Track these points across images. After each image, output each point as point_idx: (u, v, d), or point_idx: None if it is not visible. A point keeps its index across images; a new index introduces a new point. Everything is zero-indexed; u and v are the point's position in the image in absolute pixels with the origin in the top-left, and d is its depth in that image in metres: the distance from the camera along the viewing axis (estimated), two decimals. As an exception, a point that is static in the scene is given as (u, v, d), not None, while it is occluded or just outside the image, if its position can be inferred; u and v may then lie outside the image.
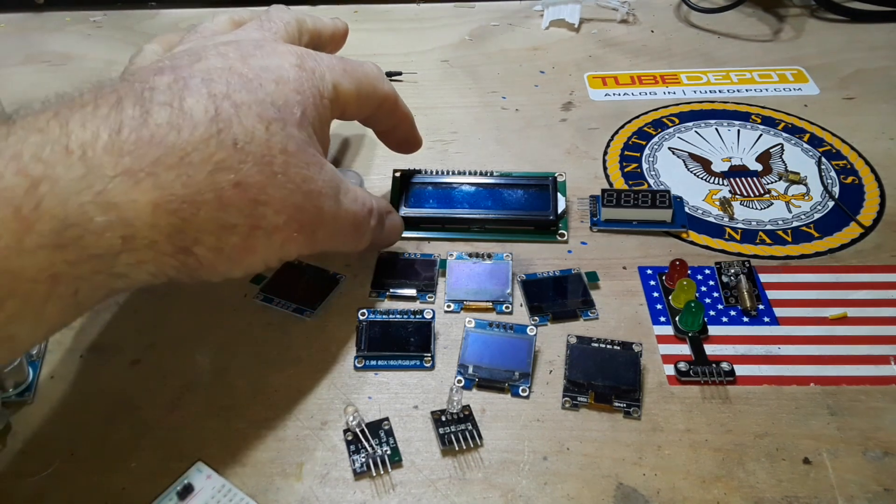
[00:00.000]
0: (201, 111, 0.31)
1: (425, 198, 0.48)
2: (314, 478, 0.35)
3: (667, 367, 0.40)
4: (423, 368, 0.40)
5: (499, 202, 0.47)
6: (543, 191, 0.48)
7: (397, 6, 0.74)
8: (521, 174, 0.50)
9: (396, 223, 0.45)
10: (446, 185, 0.48)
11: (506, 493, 0.34)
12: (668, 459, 0.35)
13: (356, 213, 0.39)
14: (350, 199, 0.38)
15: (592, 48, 0.68)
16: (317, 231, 0.36)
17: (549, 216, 0.46)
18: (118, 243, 0.28)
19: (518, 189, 0.48)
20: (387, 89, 0.42)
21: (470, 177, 0.49)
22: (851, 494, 0.34)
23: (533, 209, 0.47)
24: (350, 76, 0.39)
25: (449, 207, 0.47)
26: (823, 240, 0.47)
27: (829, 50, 0.66)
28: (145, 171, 0.29)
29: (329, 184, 0.36)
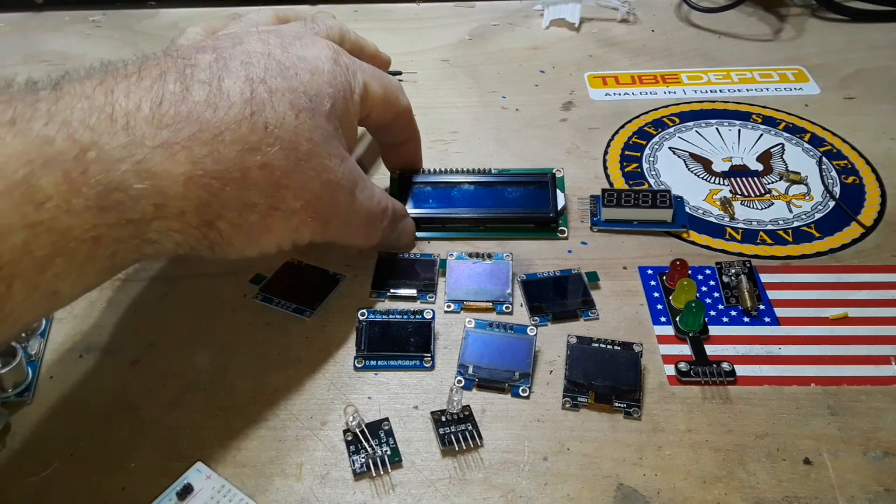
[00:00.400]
0: (237, 93, 0.33)
1: (425, 198, 0.48)
2: (314, 478, 0.35)
3: (667, 367, 0.40)
4: (423, 368, 0.40)
5: (499, 200, 0.48)
6: (543, 188, 0.48)
7: (397, 6, 0.74)
8: (519, 171, 0.50)
9: (409, 228, 0.46)
10: (445, 184, 0.49)
11: (506, 493, 0.34)
12: (668, 460, 0.35)
13: (370, 210, 0.40)
14: (367, 196, 0.40)
15: (593, 48, 0.68)
16: (330, 220, 0.37)
17: (549, 213, 0.47)
18: (151, 210, 0.30)
19: (517, 187, 0.48)
20: (406, 103, 0.45)
21: (469, 175, 0.49)
22: (852, 495, 0.34)
23: (532, 206, 0.47)
24: (379, 81, 0.42)
25: (449, 207, 0.47)
26: (824, 240, 0.47)
27: (829, 49, 0.66)
28: (181, 145, 0.30)
29: (348, 177, 0.37)
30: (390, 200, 0.43)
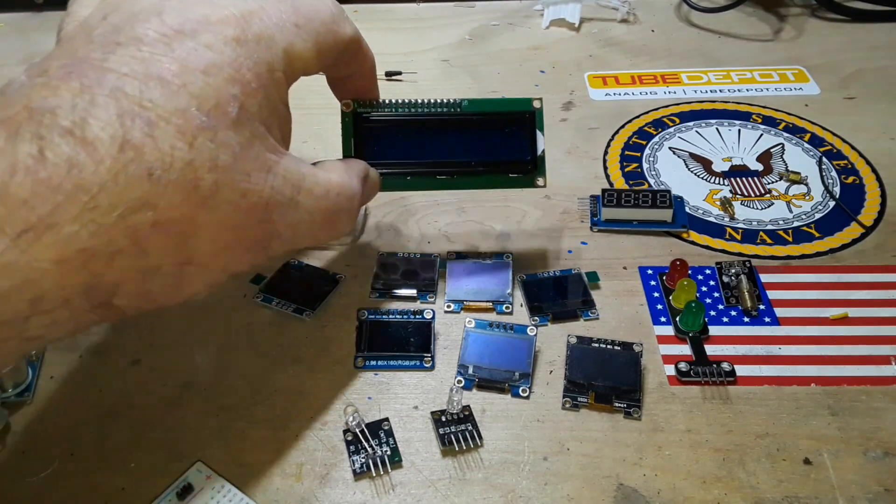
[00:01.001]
0: (107, 138, 0.25)
1: (383, 142, 0.40)
2: (314, 478, 0.35)
3: (667, 367, 0.40)
4: (423, 368, 0.40)
5: (471, 144, 0.40)
6: (521, 126, 0.40)
7: (397, 6, 0.74)
8: (495, 102, 0.41)
9: (375, 181, 0.40)
10: (407, 123, 0.40)
11: (506, 493, 0.34)
12: (668, 460, 0.35)
13: (325, 207, 0.33)
14: (315, 197, 0.32)
15: (593, 48, 0.68)
16: (271, 243, 0.31)
17: (526, 157, 0.40)
18: (26, 308, 0.25)
19: (491, 125, 0.40)
20: (349, 31, 0.35)
21: (435, 110, 0.40)
22: (852, 495, 0.34)
23: (507, 150, 0.40)
24: (306, 31, 0.32)
25: (412, 156, 0.40)
26: (824, 240, 0.47)
27: (829, 49, 0.66)
28: (45, 224, 0.24)
29: (280, 190, 0.30)
30: (347, 177, 0.35)
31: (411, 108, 0.39)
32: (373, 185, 0.39)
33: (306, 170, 0.32)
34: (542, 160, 0.40)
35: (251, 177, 0.29)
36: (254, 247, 0.31)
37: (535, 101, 0.40)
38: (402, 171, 0.40)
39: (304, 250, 0.47)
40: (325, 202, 0.33)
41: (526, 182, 0.41)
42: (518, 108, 0.40)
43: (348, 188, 0.34)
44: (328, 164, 0.35)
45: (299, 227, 0.32)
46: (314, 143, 0.55)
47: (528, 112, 0.40)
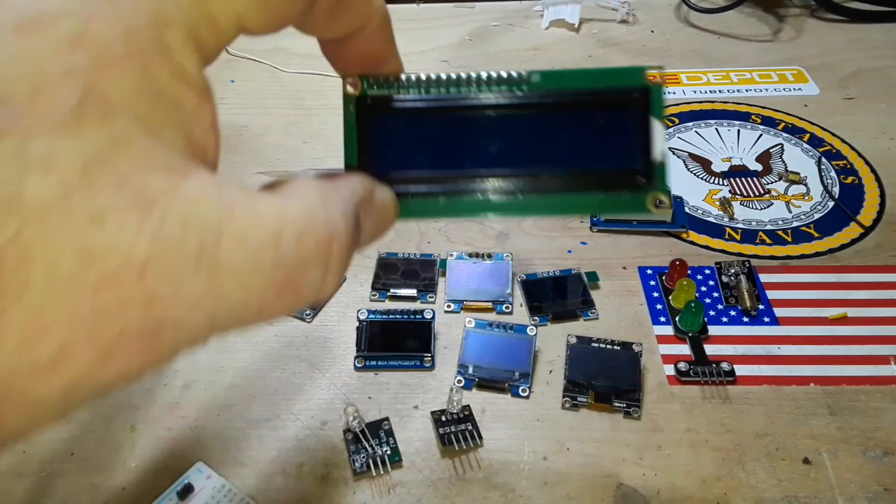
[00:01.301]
0: None
1: (404, 147, 0.24)
2: (314, 477, 0.35)
3: (667, 367, 0.40)
4: (423, 368, 0.40)
5: (544, 143, 0.24)
6: (628, 113, 0.23)
7: (397, 6, 0.74)
8: (583, 74, 0.23)
9: (384, 208, 0.22)
10: (448, 110, 0.23)
11: (506, 492, 0.34)
12: (668, 459, 0.35)
13: (274, 264, 0.17)
14: (252, 245, 0.16)
15: (592, 48, 0.68)
16: (159, 337, 0.16)
17: (635, 162, 0.23)
18: None
19: (580, 112, 0.23)
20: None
21: (489, 90, 0.23)
22: (851, 494, 0.34)
23: (604, 153, 0.24)
24: None
25: (449, 165, 0.23)
26: (823, 240, 0.47)
27: (828, 50, 0.66)
28: None
29: (171, 238, 0.15)
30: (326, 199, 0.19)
31: (449, 86, 0.23)
32: (381, 214, 0.22)
33: (235, 197, 0.16)
34: (661, 168, 0.23)
35: (105, 219, 0.14)
36: (115, 354, 0.15)
37: (651, 72, 0.23)
38: (435, 190, 0.23)
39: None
40: (271, 252, 0.17)
41: (634, 203, 0.23)
42: (621, 83, 0.23)
43: (319, 224, 0.18)
44: (289, 186, 0.19)
45: (221, 300, 0.16)
46: (315, 143, 0.55)
47: (638, 89, 0.23)
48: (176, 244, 0.15)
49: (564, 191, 0.23)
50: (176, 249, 0.15)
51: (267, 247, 0.17)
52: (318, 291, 0.18)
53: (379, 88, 0.24)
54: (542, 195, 0.23)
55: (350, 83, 0.24)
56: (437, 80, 0.24)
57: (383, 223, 0.23)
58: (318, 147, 0.55)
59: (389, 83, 0.24)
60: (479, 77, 0.23)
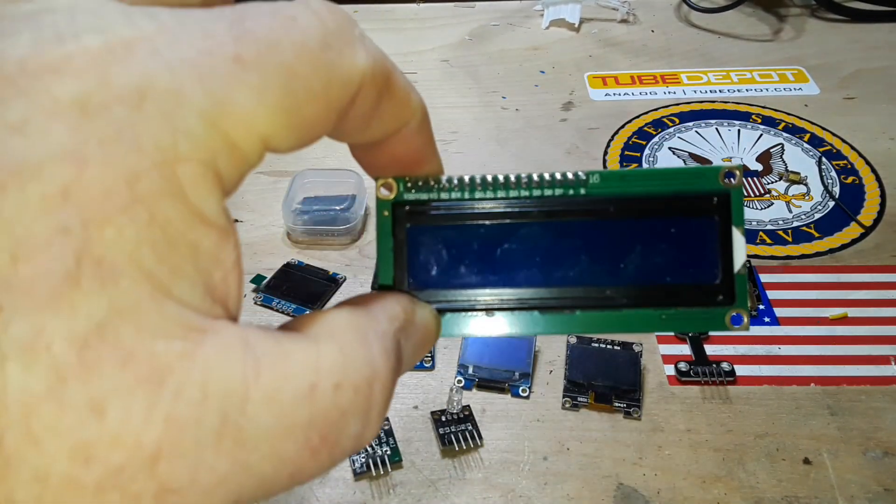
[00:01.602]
0: None
1: (450, 255, 0.21)
2: (314, 478, 0.35)
3: (667, 367, 0.40)
4: (423, 368, 0.40)
5: (607, 255, 0.21)
6: (700, 224, 0.21)
7: (397, 6, 0.74)
8: (652, 175, 0.21)
9: (426, 329, 0.20)
10: (492, 218, 0.21)
11: (506, 493, 0.34)
12: (668, 459, 0.35)
13: (308, 423, 0.15)
14: (282, 406, 0.14)
15: (592, 48, 0.68)
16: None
17: (713, 277, 0.22)
18: None
19: (649, 219, 0.21)
20: (360, 63, 0.16)
21: (541, 194, 0.20)
22: (852, 494, 0.34)
23: (677, 267, 0.21)
24: (260, 69, 0.14)
25: (498, 280, 0.21)
26: (824, 240, 0.47)
27: (829, 50, 0.66)
28: None
29: (185, 417, 0.13)
30: (363, 336, 0.16)
31: (496, 189, 0.21)
32: (423, 337, 0.20)
33: (263, 350, 0.14)
34: (741, 281, 0.21)
35: (107, 407, 0.12)
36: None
37: (727, 174, 0.21)
38: (482, 306, 0.21)
39: (305, 250, 0.47)
40: (305, 410, 0.15)
41: (711, 322, 0.21)
42: (696, 188, 0.21)
43: (358, 368, 0.16)
44: (321, 324, 0.16)
45: (247, 475, 0.14)
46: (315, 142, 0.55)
47: (717, 195, 0.21)
48: (194, 421, 0.13)
49: (628, 307, 0.21)
50: (194, 428, 0.13)
51: (300, 404, 0.14)
52: (359, 442, 0.16)
53: (417, 192, 0.21)
54: (603, 311, 0.21)
55: (383, 185, 0.20)
56: (482, 182, 0.20)
57: (424, 345, 0.20)
58: (318, 147, 0.55)
59: (429, 186, 0.20)
60: (531, 178, 0.20)
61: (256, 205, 0.50)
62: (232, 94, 0.13)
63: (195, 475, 0.13)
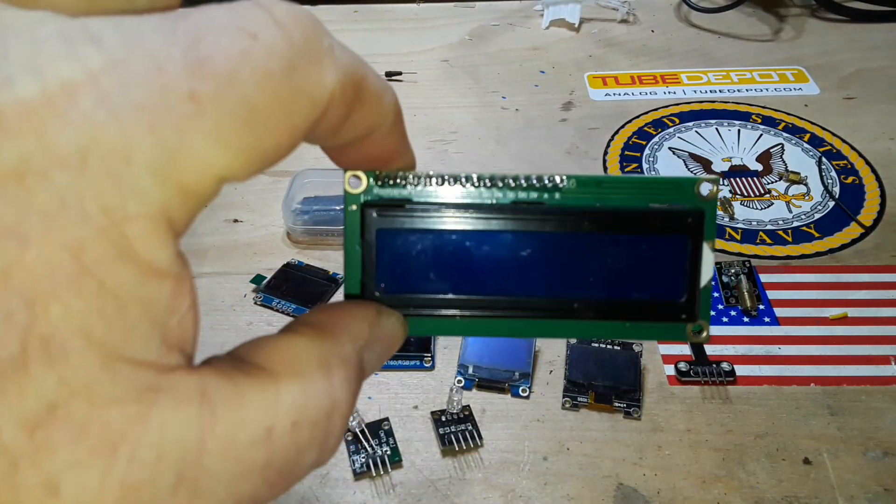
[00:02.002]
0: None
1: (419, 260, 0.20)
2: (314, 478, 0.35)
3: (667, 367, 0.40)
4: (423, 368, 0.40)
5: (574, 265, 0.21)
6: (671, 240, 0.21)
7: (397, 6, 0.74)
8: (625, 183, 0.20)
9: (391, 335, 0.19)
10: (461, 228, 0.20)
11: (506, 493, 0.34)
12: (668, 459, 0.35)
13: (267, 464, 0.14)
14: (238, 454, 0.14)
15: (592, 48, 0.68)
16: None
17: (679, 294, 0.21)
18: None
19: (618, 230, 0.20)
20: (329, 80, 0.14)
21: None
22: (851, 494, 0.34)
23: (643, 281, 0.21)
24: (216, 102, 0.13)
25: (465, 287, 0.21)
26: (824, 240, 0.47)
27: (829, 50, 0.66)
28: None
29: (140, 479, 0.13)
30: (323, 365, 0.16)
31: (469, 186, 0.20)
32: (387, 345, 0.19)
33: (218, 396, 0.14)
34: (705, 294, 0.21)
35: (61, 483, 0.12)
36: None
37: (703, 187, 0.20)
38: (451, 313, 0.21)
39: (305, 250, 0.47)
40: (261, 453, 0.14)
41: (672, 333, 0.21)
42: (670, 200, 0.20)
43: (317, 402, 0.15)
44: (282, 357, 0.15)
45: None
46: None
47: (692, 212, 0.20)
48: (149, 482, 0.13)
49: (594, 318, 0.21)
50: (150, 488, 0.13)
51: (257, 449, 0.14)
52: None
53: (388, 187, 0.20)
54: (569, 321, 0.21)
55: (353, 177, 0.20)
56: (454, 177, 0.20)
57: (389, 352, 0.19)
58: (319, 147, 0.55)
59: (400, 183, 0.20)
60: (505, 179, 0.20)
61: (256, 205, 0.50)
62: (186, 141, 0.12)
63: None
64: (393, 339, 0.19)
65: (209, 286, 0.45)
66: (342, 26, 0.70)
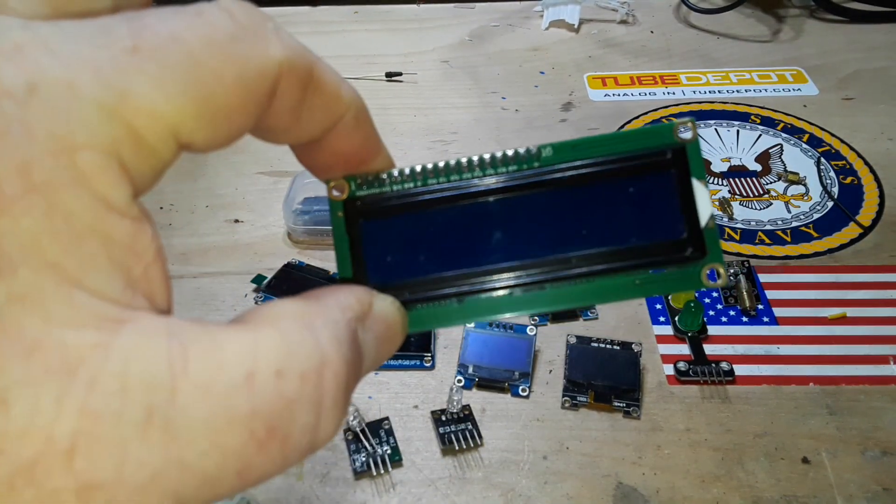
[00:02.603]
0: None
1: (409, 246, 0.20)
2: (314, 477, 0.35)
3: (666, 366, 0.40)
4: (423, 368, 0.40)
5: (569, 225, 0.20)
6: (662, 179, 0.20)
7: (397, 6, 0.75)
8: (603, 140, 0.20)
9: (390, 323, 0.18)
10: (449, 203, 0.20)
11: (506, 492, 0.34)
12: (667, 459, 0.35)
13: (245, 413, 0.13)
14: (219, 394, 0.13)
15: (592, 49, 0.68)
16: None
17: (678, 232, 0.20)
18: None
19: (606, 184, 0.20)
20: (276, 53, 0.15)
21: (496, 172, 0.20)
22: (850, 494, 0.34)
23: (641, 227, 0.20)
24: (159, 59, 0.13)
25: (462, 263, 0.20)
26: (822, 240, 0.48)
27: (828, 50, 0.67)
28: None
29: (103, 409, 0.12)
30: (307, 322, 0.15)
31: (449, 174, 0.20)
32: (386, 329, 0.18)
33: (191, 339, 0.13)
34: (711, 235, 0.19)
35: (10, 400, 0.12)
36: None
37: (682, 128, 0.20)
38: (447, 293, 0.20)
39: (305, 250, 0.47)
40: (243, 398, 0.13)
41: (686, 279, 0.20)
42: (649, 145, 0.20)
43: (302, 354, 0.15)
44: (262, 314, 0.15)
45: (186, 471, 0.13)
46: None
47: (671, 149, 0.20)
48: (113, 413, 0.12)
49: (600, 275, 0.20)
50: (114, 420, 0.12)
51: (237, 394, 0.13)
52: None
53: (369, 188, 0.20)
54: (574, 283, 0.20)
55: (335, 187, 0.20)
56: (434, 169, 0.20)
57: (389, 339, 0.18)
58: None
59: (381, 180, 0.20)
60: (483, 159, 0.20)
61: (257, 205, 0.50)
62: (129, 84, 0.13)
63: (121, 470, 0.12)
64: (391, 324, 0.18)
65: (210, 286, 0.45)
66: (342, 27, 0.70)
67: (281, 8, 0.71)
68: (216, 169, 0.53)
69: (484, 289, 0.20)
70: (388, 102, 0.60)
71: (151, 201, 0.50)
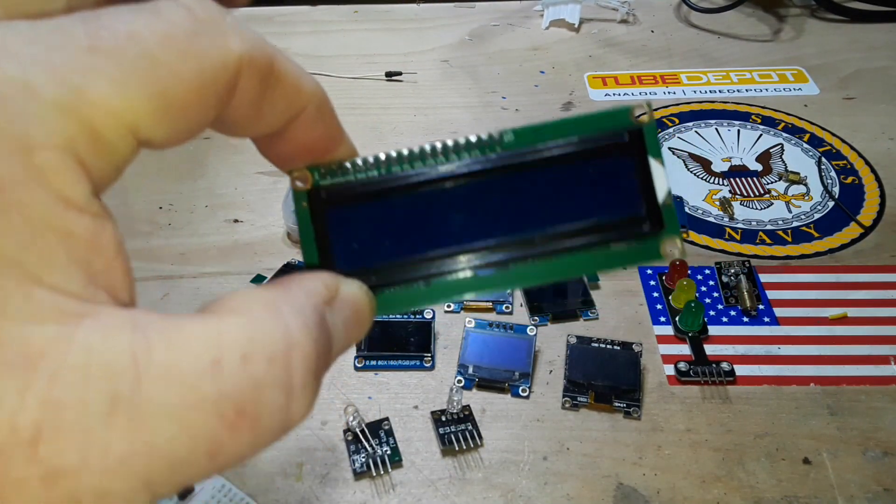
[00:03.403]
0: None
1: (372, 237, 0.21)
2: (314, 478, 0.35)
3: (667, 367, 0.40)
4: (423, 368, 0.40)
5: (531, 206, 0.21)
6: (621, 159, 0.21)
7: (397, 6, 0.74)
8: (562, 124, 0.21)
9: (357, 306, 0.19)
10: (411, 190, 0.20)
11: (506, 493, 0.34)
12: (668, 459, 0.35)
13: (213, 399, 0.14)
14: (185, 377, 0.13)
15: (592, 48, 0.68)
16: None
17: (637, 209, 0.21)
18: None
19: (566, 167, 0.21)
20: (234, 48, 0.15)
21: (458, 157, 0.20)
22: (851, 494, 0.34)
23: (603, 204, 0.21)
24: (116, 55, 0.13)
25: (428, 245, 0.20)
26: (823, 240, 0.48)
27: (828, 50, 0.66)
28: None
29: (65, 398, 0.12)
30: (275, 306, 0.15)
31: (412, 161, 0.20)
32: (353, 312, 0.19)
33: (154, 328, 0.14)
34: (669, 211, 0.20)
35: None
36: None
37: (638, 110, 0.21)
38: (413, 276, 0.21)
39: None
40: (209, 381, 0.14)
41: (645, 252, 0.20)
42: (606, 127, 0.21)
43: (269, 338, 0.15)
44: (226, 303, 0.15)
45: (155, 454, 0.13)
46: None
47: (628, 131, 0.21)
48: (77, 402, 0.12)
49: (562, 252, 0.20)
50: (77, 408, 0.12)
51: (204, 378, 0.13)
52: (285, 417, 0.15)
53: (332, 177, 0.20)
54: (538, 261, 0.21)
55: (297, 178, 0.20)
56: (397, 156, 0.20)
57: (358, 322, 0.19)
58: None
59: (344, 169, 0.20)
60: (446, 146, 0.20)
61: (256, 205, 0.50)
62: (86, 83, 0.13)
63: (86, 456, 0.12)
64: (358, 307, 0.19)
65: (209, 286, 0.45)
66: (342, 26, 0.70)
67: (281, 8, 0.71)
68: (216, 169, 0.53)
69: (449, 270, 0.20)
70: (388, 102, 0.60)
71: (151, 201, 0.50)
